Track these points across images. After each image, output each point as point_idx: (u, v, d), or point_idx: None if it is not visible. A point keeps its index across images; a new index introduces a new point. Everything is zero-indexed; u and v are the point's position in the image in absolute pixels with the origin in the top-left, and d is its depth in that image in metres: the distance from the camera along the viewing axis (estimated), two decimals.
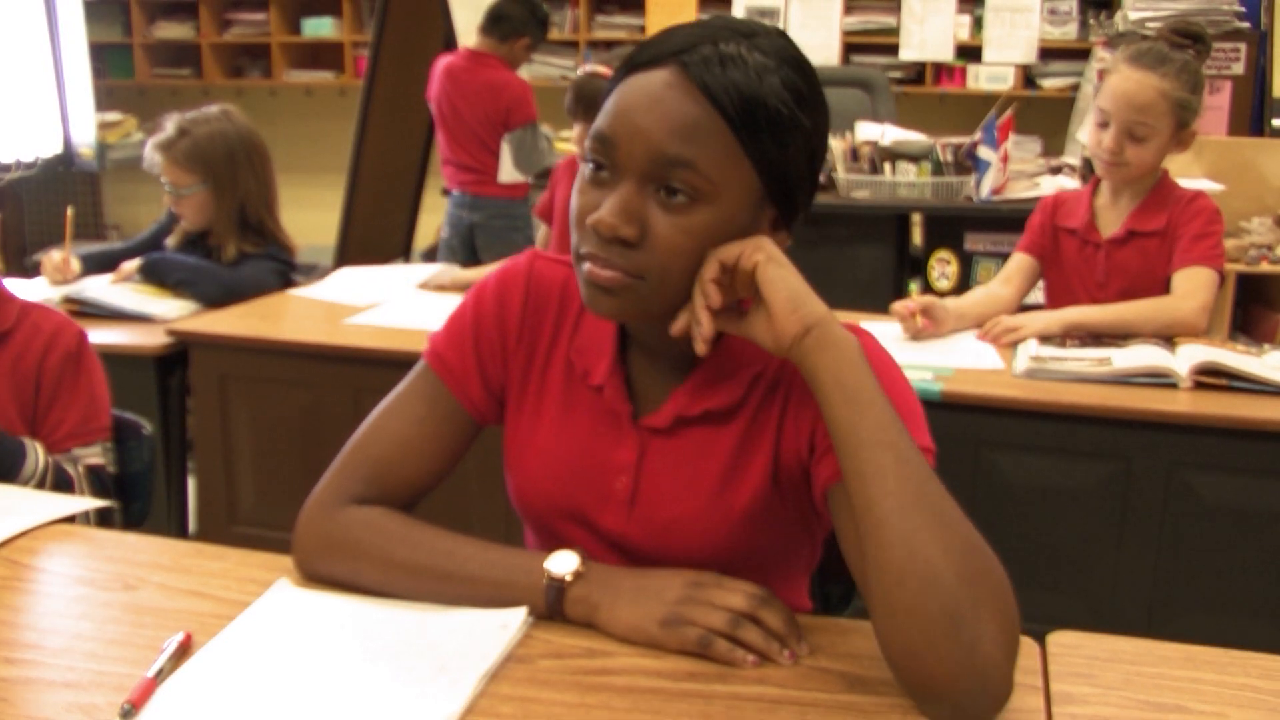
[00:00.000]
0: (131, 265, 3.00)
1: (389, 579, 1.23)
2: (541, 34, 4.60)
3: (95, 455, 1.84)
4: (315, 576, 1.27)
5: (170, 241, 3.15)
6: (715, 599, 1.13)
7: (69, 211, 3.18)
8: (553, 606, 1.17)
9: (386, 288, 3.19)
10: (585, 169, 1.16)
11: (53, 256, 3.10)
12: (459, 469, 1.36)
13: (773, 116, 1.12)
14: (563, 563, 1.18)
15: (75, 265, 3.11)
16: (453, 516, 1.28)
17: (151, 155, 3.01)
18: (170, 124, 3.01)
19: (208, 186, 3.00)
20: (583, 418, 1.29)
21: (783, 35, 1.19)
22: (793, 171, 1.16)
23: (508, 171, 4.51)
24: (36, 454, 1.75)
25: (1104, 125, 2.55)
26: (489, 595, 1.19)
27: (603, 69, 2.97)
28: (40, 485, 1.73)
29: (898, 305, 2.67)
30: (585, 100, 2.98)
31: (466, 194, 4.60)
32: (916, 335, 2.63)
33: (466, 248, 4.60)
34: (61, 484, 1.76)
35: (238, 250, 3.04)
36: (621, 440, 1.27)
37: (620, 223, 1.11)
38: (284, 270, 3.14)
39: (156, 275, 2.98)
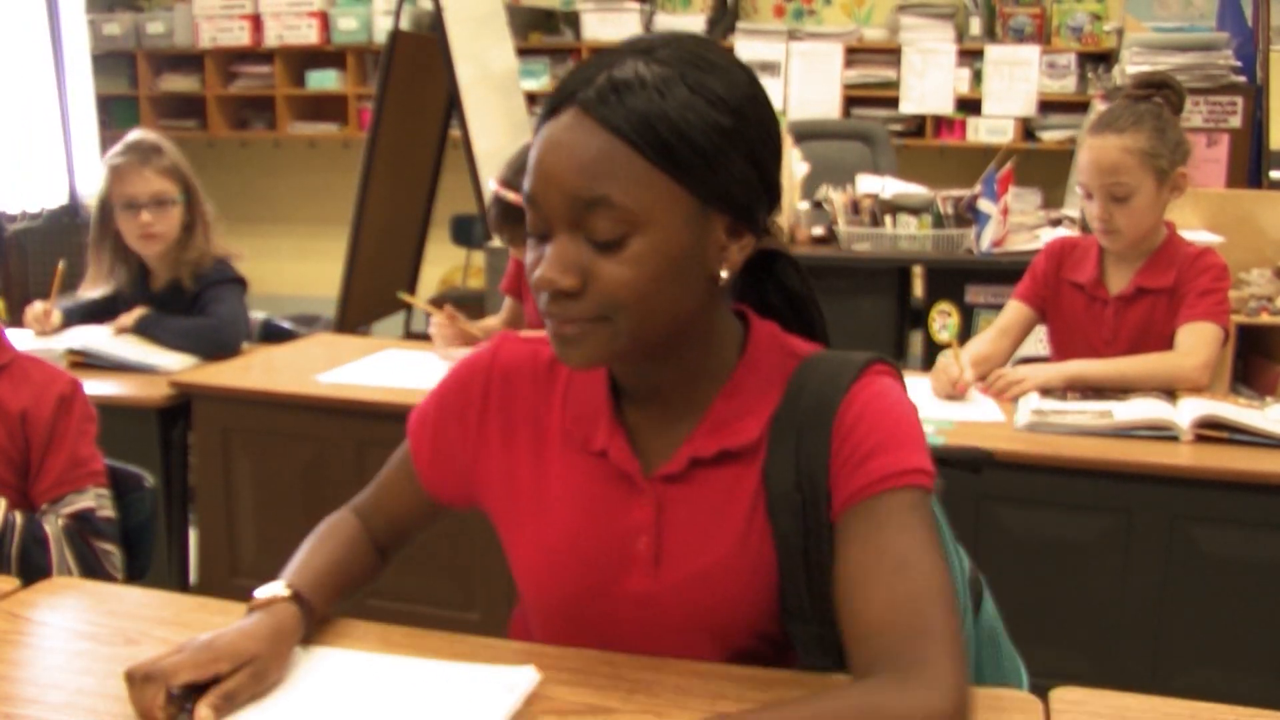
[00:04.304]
0: (130, 318, 3.00)
1: None
2: None
3: (87, 500, 1.83)
4: None
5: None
6: None
7: (59, 265, 3.19)
8: None
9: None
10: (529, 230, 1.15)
11: (35, 308, 3.11)
12: (464, 530, 1.37)
13: (683, 129, 1.09)
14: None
15: (56, 317, 3.11)
16: (457, 578, 1.29)
17: (127, 169, 2.93)
18: (132, 140, 2.98)
19: (183, 200, 2.98)
20: (592, 487, 1.25)
21: (693, 39, 1.15)
22: (729, 176, 1.12)
23: None
24: None
25: (1089, 198, 2.58)
26: None
27: (508, 193, 2.63)
28: (3, 542, 1.71)
29: (947, 374, 2.62)
30: (510, 216, 2.68)
31: None
32: (950, 396, 2.60)
33: None
34: (31, 541, 1.72)
35: (193, 274, 3.00)
36: (635, 500, 1.22)
37: (557, 275, 1.10)
38: (241, 283, 3.10)
39: (150, 337, 2.97)
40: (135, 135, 3.02)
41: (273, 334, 3.34)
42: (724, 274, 1.16)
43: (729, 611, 1.20)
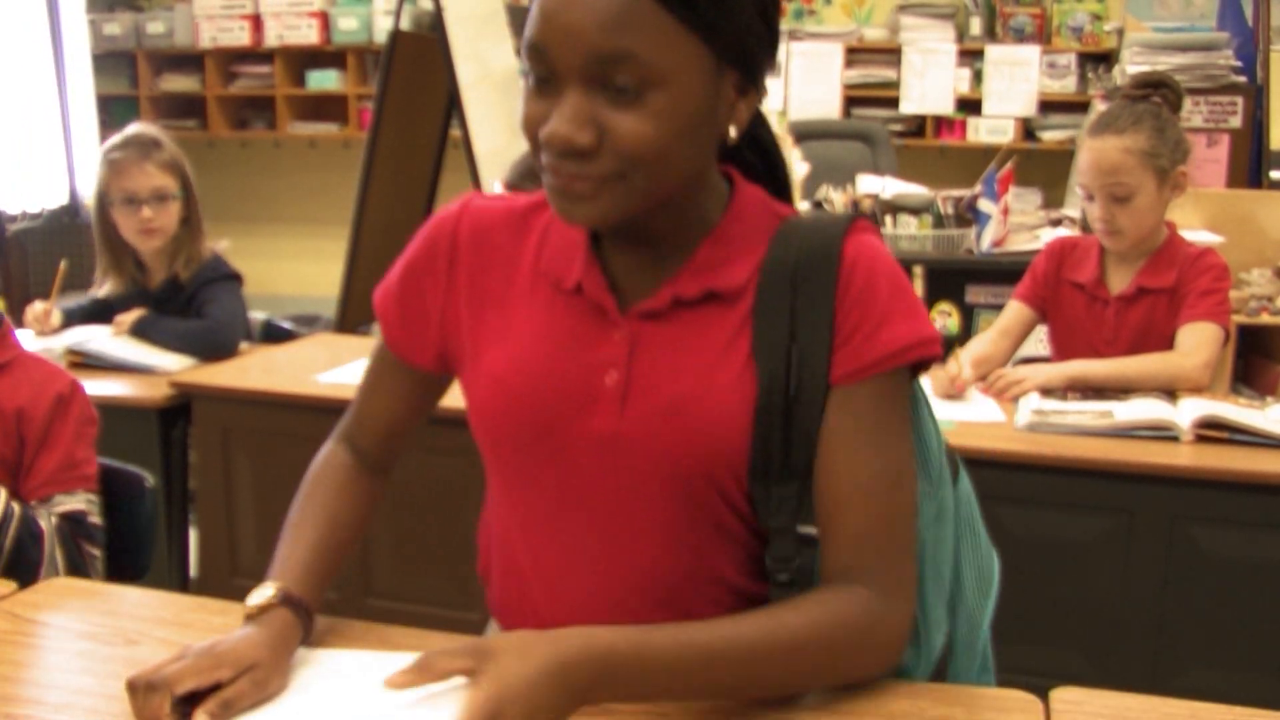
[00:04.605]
0: (128, 319, 3.00)
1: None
2: None
3: (77, 503, 1.81)
4: None
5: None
6: None
7: (61, 265, 3.19)
8: None
9: None
10: (528, 81, 1.12)
11: (35, 307, 3.11)
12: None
13: None
14: None
15: (56, 318, 3.11)
16: (457, 578, 1.28)
17: (127, 165, 2.93)
18: (131, 134, 2.97)
19: (182, 194, 2.98)
20: (561, 323, 1.21)
21: None
22: (744, 31, 1.10)
23: None
24: None
25: (1090, 199, 2.59)
26: None
27: None
28: (1, 532, 1.70)
29: (946, 374, 2.62)
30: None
31: None
32: (949, 396, 2.61)
33: None
34: (27, 534, 1.72)
35: (190, 270, 3.00)
36: (608, 335, 1.19)
37: (573, 131, 1.06)
38: (237, 279, 3.10)
39: (148, 338, 2.96)
40: (134, 128, 3.01)
41: (273, 334, 3.34)
42: (733, 132, 1.15)
43: (694, 456, 1.15)
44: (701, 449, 1.16)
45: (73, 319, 3.14)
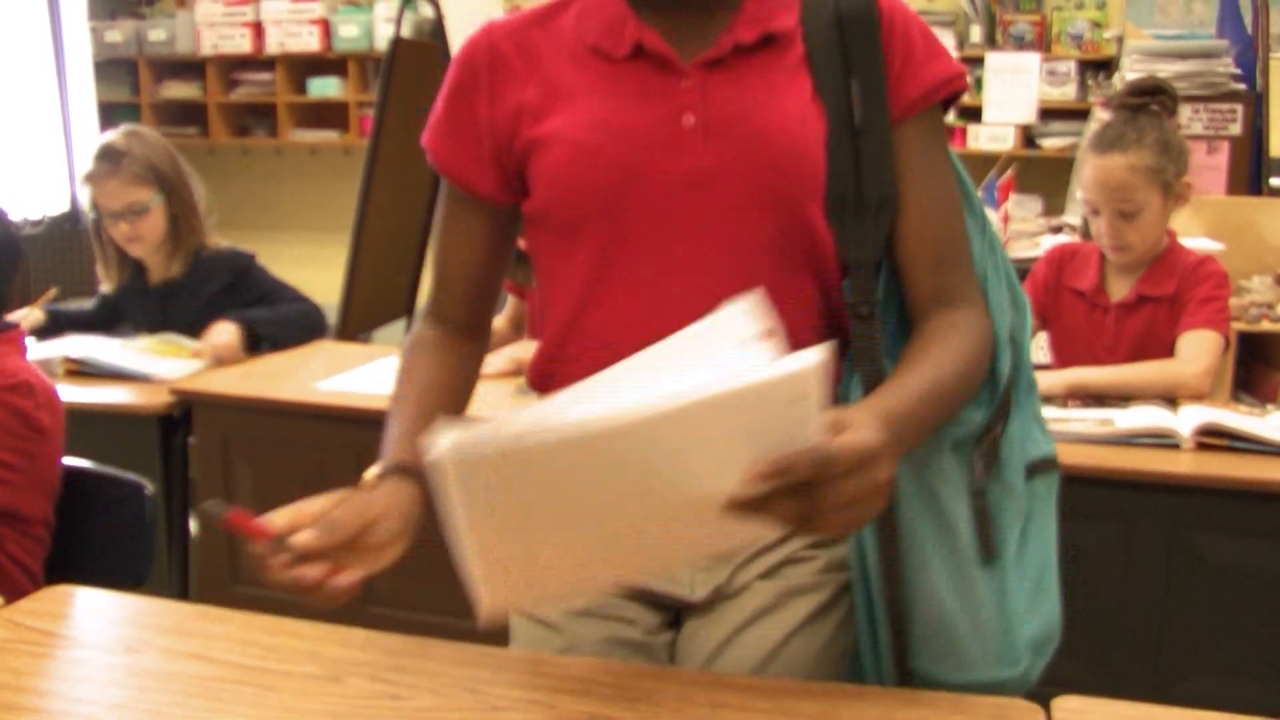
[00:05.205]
0: (228, 333, 2.93)
1: None
2: None
3: None
4: None
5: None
6: None
7: (51, 290, 3.21)
8: None
9: None
10: None
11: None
12: None
13: None
14: None
15: (35, 316, 3.11)
16: (460, 585, 1.28)
17: (97, 182, 2.92)
18: (103, 146, 2.96)
19: (163, 196, 2.95)
20: (627, 86, 1.25)
21: None
22: None
23: None
24: None
25: (1095, 214, 2.58)
26: None
27: None
28: None
29: None
30: None
31: None
32: None
33: None
34: None
35: (185, 263, 3.00)
36: (677, 84, 1.24)
37: None
38: (255, 258, 3.14)
39: (264, 336, 3.01)
40: (106, 139, 2.99)
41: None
42: None
43: (780, 182, 1.23)
44: (786, 174, 1.24)
45: (68, 325, 3.14)
